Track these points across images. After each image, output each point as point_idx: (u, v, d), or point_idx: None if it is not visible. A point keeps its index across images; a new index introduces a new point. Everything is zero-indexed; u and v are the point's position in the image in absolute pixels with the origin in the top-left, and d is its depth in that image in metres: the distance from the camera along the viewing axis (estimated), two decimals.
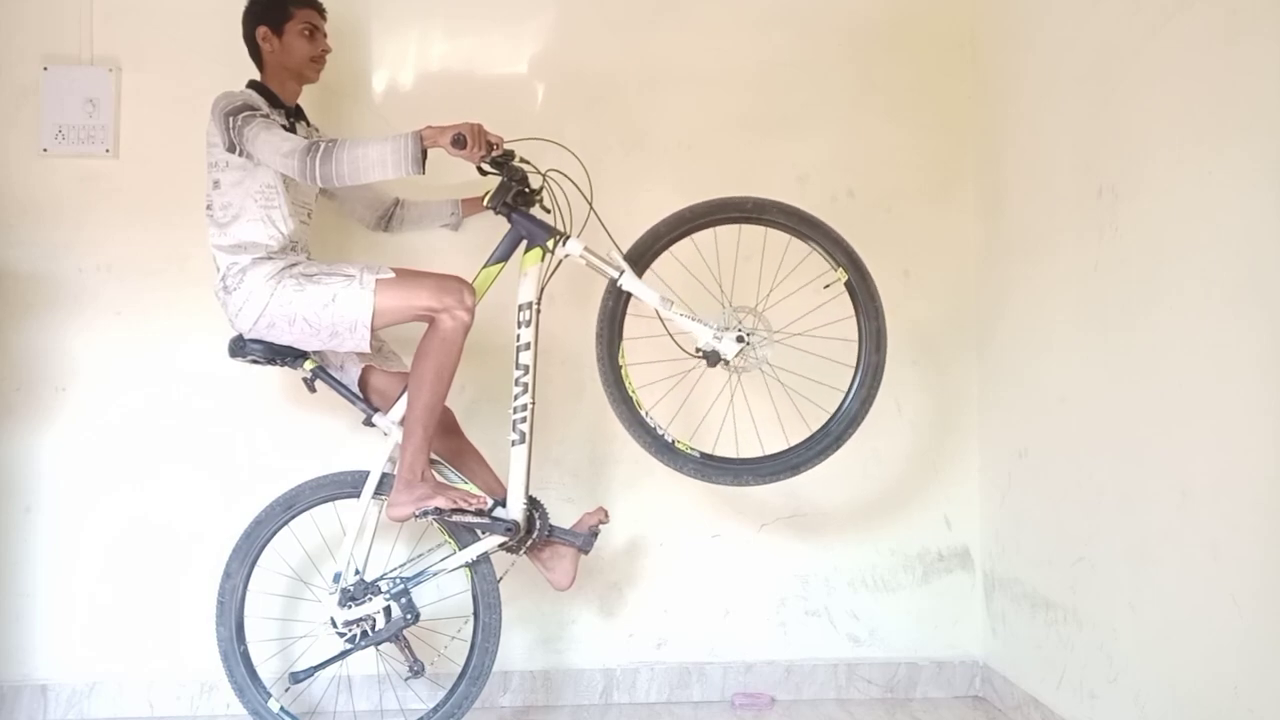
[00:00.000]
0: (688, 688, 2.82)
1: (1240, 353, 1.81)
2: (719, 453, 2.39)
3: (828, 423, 2.36)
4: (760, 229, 2.39)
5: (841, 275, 2.34)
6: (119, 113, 2.72)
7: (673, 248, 2.37)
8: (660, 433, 2.34)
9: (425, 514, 2.26)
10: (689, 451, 2.34)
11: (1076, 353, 2.36)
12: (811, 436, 2.36)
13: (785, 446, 2.39)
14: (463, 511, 2.28)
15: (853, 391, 2.34)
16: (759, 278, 2.48)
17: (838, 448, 2.34)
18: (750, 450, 2.44)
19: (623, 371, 2.34)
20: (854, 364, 2.35)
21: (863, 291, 2.34)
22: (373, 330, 2.25)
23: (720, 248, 2.49)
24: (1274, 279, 1.73)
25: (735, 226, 2.39)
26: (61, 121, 2.69)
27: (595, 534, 2.42)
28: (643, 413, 2.34)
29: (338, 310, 2.23)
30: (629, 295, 2.33)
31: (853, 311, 2.36)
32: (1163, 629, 2.04)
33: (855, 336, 2.35)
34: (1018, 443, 2.68)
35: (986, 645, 2.86)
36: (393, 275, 2.26)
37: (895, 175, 2.89)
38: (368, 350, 2.29)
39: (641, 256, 2.33)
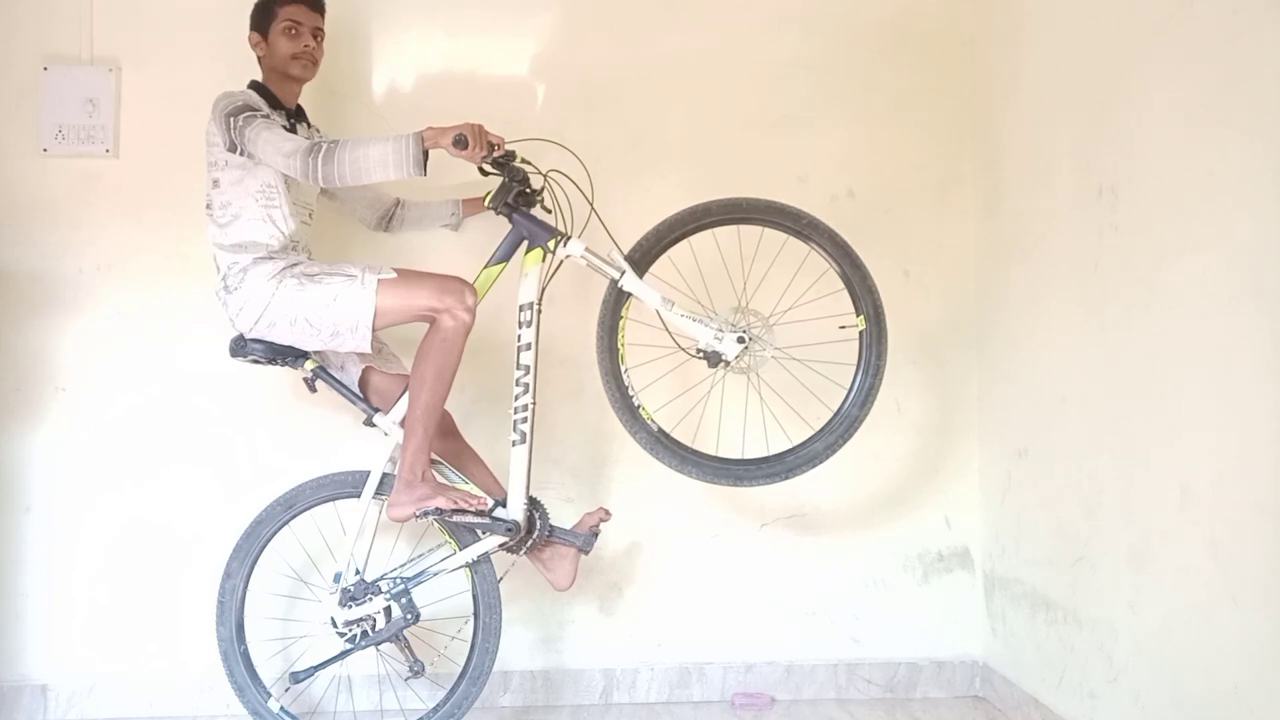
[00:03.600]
0: (688, 688, 2.82)
1: (1240, 353, 1.81)
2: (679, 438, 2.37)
3: (785, 453, 2.35)
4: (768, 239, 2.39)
5: (861, 323, 2.33)
6: (119, 113, 2.71)
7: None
8: (631, 394, 2.32)
9: (426, 514, 2.26)
10: (648, 422, 2.33)
11: (1076, 353, 2.36)
12: (765, 459, 2.35)
13: (739, 456, 2.38)
14: (463, 512, 2.28)
15: (821, 436, 2.33)
16: (784, 290, 2.46)
17: (786, 479, 2.33)
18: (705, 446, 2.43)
19: (621, 323, 2.33)
20: (834, 410, 2.35)
21: (873, 348, 2.32)
22: (374, 330, 2.25)
23: (763, 250, 2.46)
24: (1274, 279, 1.73)
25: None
26: (61, 121, 2.69)
27: (596, 534, 2.42)
28: (622, 368, 2.32)
29: (339, 310, 2.23)
30: (629, 295, 2.32)
31: (856, 362, 2.34)
32: (1163, 629, 2.04)
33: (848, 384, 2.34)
34: (1018, 443, 2.68)
35: (986, 645, 2.86)
36: (394, 275, 2.26)
37: (895, 175, 2.89)
38: (369, 351, 2.29)
39: (643, 257, 2.33)
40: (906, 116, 2.89)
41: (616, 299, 2.33)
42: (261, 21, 2.38)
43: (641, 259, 2.33)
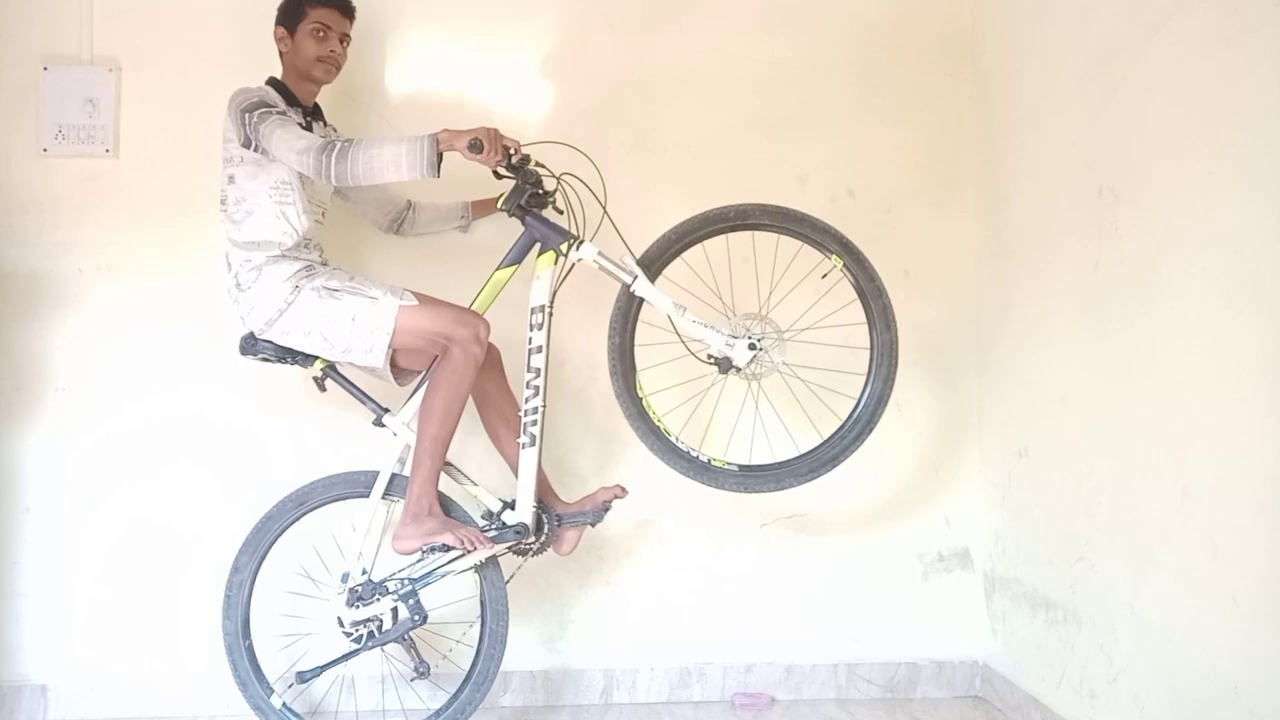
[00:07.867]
0: (688, 688, 2.83)
1: (1240, 352, 1.82)
2: (753, 461, 2.39)
3: (844, 425, 2.35)
4: (748, 235, 2.39)
5: (836, 262, 2.34)
6: (119, 113, 2.71)
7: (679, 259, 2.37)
8: (673, 439, 2.32)
9: (432, 550, 2.26)
10: (726, 467, 2.32)
11: (1076, 353, 2.37)
12: (827, 441, 2.35)
13: (819, 441, 2.38)
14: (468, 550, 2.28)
15: (873, 371, 2.33)
16: (756, 282, 2.47)
17: (855, 448, 2.33)
18: (780, 453, 2.44)
19: (636, 378, 2.32)
20: (868, 347, 2.35)
21: (860, 274, 2.33)
22: (388, 351, 2.26)
23: (713, 260, 2.48)
24: (1274, 279, 1.74)
25: (723, 237, 2.37)
26: (61, 121, 2.68)
27: (607, 508, 2.41)
28: (673, 439, 2.31)
29: (357, 330, 2.23)
30: (641, 300, 2.31)
31: (855, 296, 2.36)
32: (1163, 629, 2.05)
33: (863, 319, 2.34)
34: (1018, 443, 2.69)
35: (986, 645, 2.87)
36: (415, 302, 2.26)
37: (895, 175, 2.90)
38: (379, 367, 2.30)
39: (654, 262, 2.32)
40: (907, 117, 2.90)
41: (623, 330, 2.31)
42: (289, 18, 2.37)
43: (653, 264, 2.32)
